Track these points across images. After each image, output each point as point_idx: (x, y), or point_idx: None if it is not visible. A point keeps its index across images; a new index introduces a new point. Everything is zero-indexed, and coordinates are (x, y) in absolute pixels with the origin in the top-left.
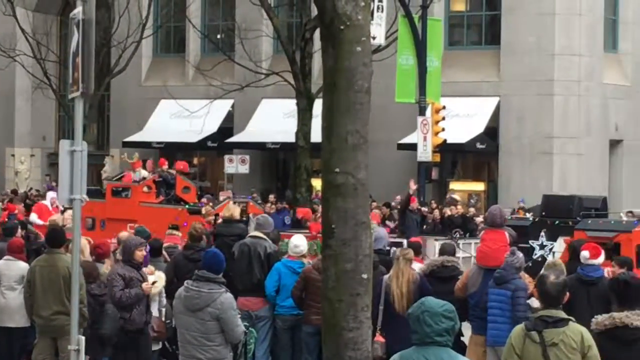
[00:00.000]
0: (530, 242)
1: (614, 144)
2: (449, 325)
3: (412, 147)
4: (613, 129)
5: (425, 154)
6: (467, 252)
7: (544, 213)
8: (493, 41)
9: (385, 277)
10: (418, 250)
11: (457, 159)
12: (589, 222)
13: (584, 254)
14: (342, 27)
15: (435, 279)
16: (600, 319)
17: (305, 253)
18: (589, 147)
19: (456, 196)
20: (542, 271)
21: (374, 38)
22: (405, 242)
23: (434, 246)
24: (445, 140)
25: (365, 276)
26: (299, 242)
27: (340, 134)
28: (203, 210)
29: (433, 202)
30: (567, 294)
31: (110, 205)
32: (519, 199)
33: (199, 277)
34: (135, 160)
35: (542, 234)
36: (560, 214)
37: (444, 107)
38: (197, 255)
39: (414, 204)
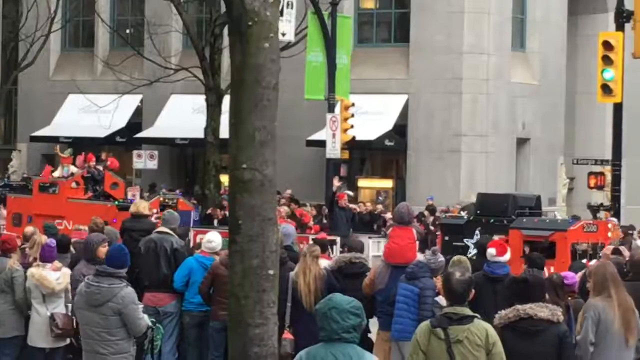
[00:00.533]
0: (465, 240)
1: (521, 142)
2: (356, 321)
3: (321, 143)
4: (520, 127)
5: (334, 150)
6: None
7: (478, 211)
8: (402, 39)
9: (292, 273)
10: (325, 247)
11: (365, 156)
12: (524, 220)
13: (490, 251)
14: (250, 24)
15: (343, 276)
16: (504, 313)
17: (219, 250)
18: (496, 145)
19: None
20: (447, 268)
21: (283, 34)
22: (338, 239)
23: (368, 244)
24: (354, 137)
25: (271, 272)
26: (213, 237)
27: (248, 130)
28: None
29: None
30: (473, 291)
31: (37, 201)
32: (428, 196)
33: (100, 273)
34: (67, 156)
35: (477, 232)
36: (495, 212)
37: (353, 104)
38: None
39: (343, 201)
